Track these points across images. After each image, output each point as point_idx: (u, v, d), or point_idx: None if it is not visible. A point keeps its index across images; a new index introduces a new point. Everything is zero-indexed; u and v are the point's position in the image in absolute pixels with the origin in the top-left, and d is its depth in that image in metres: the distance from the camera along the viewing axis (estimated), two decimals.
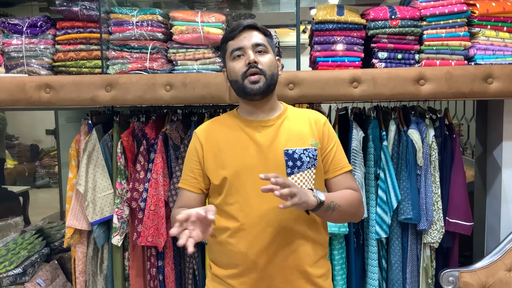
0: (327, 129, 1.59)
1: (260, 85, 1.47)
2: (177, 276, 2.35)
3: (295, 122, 1.57)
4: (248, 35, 1.51)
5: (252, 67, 1.47)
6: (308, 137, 1.54)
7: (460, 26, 2.11)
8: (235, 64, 1.51)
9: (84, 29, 2.27)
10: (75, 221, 2.29)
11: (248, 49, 1.49)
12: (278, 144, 1.51)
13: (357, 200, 1.55)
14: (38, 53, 2.29)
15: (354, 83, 2.07)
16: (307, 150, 1.51)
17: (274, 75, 1.52)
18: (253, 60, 1.47)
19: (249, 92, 1.48)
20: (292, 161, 1.49)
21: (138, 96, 2.12)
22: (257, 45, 1.50)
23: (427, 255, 2.21)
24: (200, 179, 1.57)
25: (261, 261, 1.48)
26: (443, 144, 2.24)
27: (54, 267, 2.75)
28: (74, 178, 2.32)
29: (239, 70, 1.49)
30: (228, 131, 1.57)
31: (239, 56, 1.50)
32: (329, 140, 1.57)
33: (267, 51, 1.52)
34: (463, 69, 2.04)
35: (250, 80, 1.47)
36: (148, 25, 2.22)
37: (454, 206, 2.19)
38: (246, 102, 1.55)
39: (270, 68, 1.50)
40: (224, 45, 1.56)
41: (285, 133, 1.53)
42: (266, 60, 1.50)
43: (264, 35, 1.54)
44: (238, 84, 1.51)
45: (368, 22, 2.13)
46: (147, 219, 2.19)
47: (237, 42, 1.50)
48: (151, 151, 2.26)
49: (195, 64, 2.22)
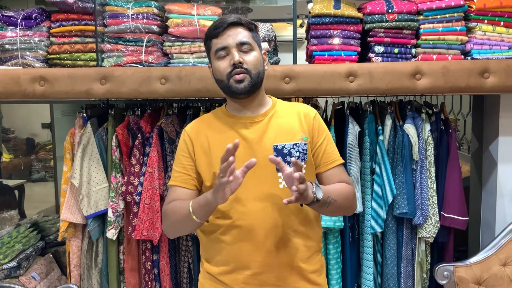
0: (317, 122, 1.58)
1: (245, 84, 1.46)
2: (172, 270, 2.35)
3: (284, 117, 1.55)
4: (232, 32, 1.47)
5: (237, 67, 1.45)
6: (298, 132, 1.53)
7: (457, 21, 2.11)
8: (220, 64, 1.48)
9: (79, 21, 2.25)
10: (69, 214, 2.28)
11: (233, 48, 1.46)
12: (267, 139, 1.50)
13: (351, 193, 1.54)
14: (33, 46, 2.27)
15: (351, 77, 2.06)
16: (297, 145, 1.48)
17: (260, 73, 1.50)
18: (238, 61, 1.44)
19: (235, 91, 1.47)
20: (282, 157, 1.46)
21: (133, 89, 2.11)
22: (242, 44, 1.47)
23: (422, 249, 2.21)
24: (194, 175, 1.54)
25: (253, 258, 1.47)
26: (439, 139, 2.24)
27: (49, 260, 2.74)
28: (69, 172, 2.31)
29: (224, 70, 1.47)
30: (217, 128, 1.55)
31: (223, 56, 1.48)
32: (319, 134, 1.56)
33: (252, 49, 1.49)
34: (460, 63, 2.04)
35: (235, 79, 1.45)
36: (143, 17, 2.20)
37: (449, 201, 2.19)
38: (233, 100, 1.54)
39: (255, 66, 1.48)
40: (208, 42, 1.52)
41: (274, 129, 1.52)
42: (251, 59, 1.47)
43: (249, 31, 1.50)
44: (223, 83, 1.49)
45: (365, 16, 2.12)
46: (142, 212, 2.18)
47: (221, 41, 1.47)
48: (146, 145, 2.25)
49: (191, 57, 2.21)
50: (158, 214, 2.19)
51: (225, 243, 1.50)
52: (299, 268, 1.51)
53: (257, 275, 1.48)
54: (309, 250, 1.53)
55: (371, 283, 2.19)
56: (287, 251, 1.49)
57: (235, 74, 1.45)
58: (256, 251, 1.47)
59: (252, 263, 1.47)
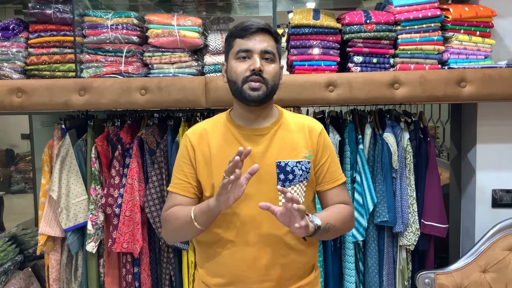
0: (322, 139, 1.54)
1: (259, 94, 1.41)
2: (154, 282, 2.32)
3: (290, 131, 1.52)
4: (259, 38, 1.43)
5: (256, 75, 1.41)
6: (302, 149, 1.49)
7: (434, 31, 2.14)
8: (238, 65, 1.43)
9: (57, 32, 2.23)
10: (48, 227, 2.24)
11: (256, 54, 1.42)
12: (271, 155, 1.47)
13: (349, 215, 1.53)
14: (10, 57, 2.24)
15: (330, 87, 2.07)
16: (300, 163, 1.46)
17: (275, 85, 1.47)
18: (259, 68, 1.40)
19: (247, 98, 1.42)
20: (284, 174, 1.45)
21: (113, 100, 2.09)
22: (266, 53, 1.43)
23: (403, 257, 2.22)
24: (194, 183, 1.50)
25: (248, 273, 1.46)
26: (418, 147, 2.26)
27: (28, 274, 2.69)
28: (47, 184, 2.28)
29: (241, 73, 1.42)
30: (220, 137, 1.51)
31: (244, 57, 1.43)
32: (324, 152, 1.52)
33: (274, 60, 1.45)
34: (437, 73, 2.07)
35: (251, 86, 1.41)
36: (123, 28, 2.19)
37: (429, 208, 2.21)
38: (241, 105, 1.49)
39: (273, 78, 1.44)
40: (231, 40, 1.47)
41: (279, 144, 1.48)
42: (271, 70, 1.44)
43: (275, 42, 1.47)
44: (236, 86, 1.44)
45: (344, 27, 2.14)
46: (122, 225, 2.16)
47: (246, 43, 1.42)
48: (126, 156, 2.23)
49: (171, 67, 2.20)
50: (139, 226, 2.17)
51: (222, 256, 1.48)
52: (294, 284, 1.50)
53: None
54: (305, 266, 1.52)
55: None
56: (283, 267, 1.47)
57: (252, 80, 1.41)
58: (253, 268, 1.45)
59: (247, 278, 1.46)
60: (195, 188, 1.51)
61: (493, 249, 2.16)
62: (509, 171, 2.32)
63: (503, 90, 2.05)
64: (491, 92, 2.05)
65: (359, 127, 2.28)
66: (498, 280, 2.13)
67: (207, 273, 1.53)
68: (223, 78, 1.53)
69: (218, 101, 2.09)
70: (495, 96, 2.07)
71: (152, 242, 2.32)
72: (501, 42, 2.29)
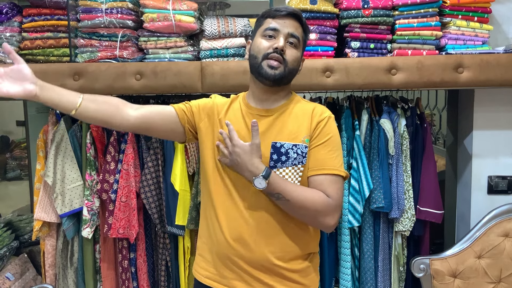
0: (323, 124, 1.50)
1: (276, 72, 1.45)
2: (150, 268, 2.33)
3: (295, 116, 1.53)
4: (289, 22, 1.48)
5: (277, 53, 1.45)
6: (302, 133, 1.49)
7: (431, 16, 2.12)
8: (262, 41, 1.48)
9: (51, 16, 2.20)
10: (43, 213, 2.24)
11: (282, 34, 1.47)
12: (270, 134, 1.49)
13: (319, 204, 1.43)
14: (4, 41, 2.21)
15: (327, 73, 2.06)
16: (296, 146, 1.47)
17: (293, 70, 1.51)
18: (282, 47, 1.45)
19: (263, 74, 1.46)
20: (277, 155, 1.46)
21: (107, 85, 2.07)
22: (292, 36, 1.48)
23: (399, 243, 2.23)
24: (188, 115, 1.58)
25: (236, 245, 1.48)
26: (415, 133, 2.26)
27: (23, 260, 2.69)
28: (42, 170, 2.26)
29: (263, 49, 1.47)
30: (232, 114, 1.56)
31: (270, 36, 1.48)
32: (320, 137, 1.49)
33: (298, 46, 1.51)
34: (434, 58, 2.05)
35: (269, 64, 1.45)
36: (118, 12, 2.16)
37: (425, 194, 2.21)
38: (256, 83, 1.53)
39: (293, 62, 1.49)
40: (262, 19, 1.52)
41: (279, 125, 1.51)
42: (293, 54, 1.49)
43: (303, 31, 1.53)
44: (256, 60, 1.48)
45: (341, 11, 2.12)
46: (118, 210, 2.15)
47: (276, 23, 1.48)
48: (121, 142, 2.22)
49: (166, 52, 2.18)
50: (135, 212, 2.16)
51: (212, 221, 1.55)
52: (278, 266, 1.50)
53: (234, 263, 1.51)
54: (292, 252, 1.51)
55: (349, 277, 2.21)
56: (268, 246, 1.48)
57: (272, 58, 1.45)
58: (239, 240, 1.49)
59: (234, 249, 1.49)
60: (184, 117, 1.58)
61: (488, 235, 2.17)
62: (505, 157, 2.33)
63: (500, 76, 2.04)
64: (489, 78, 2.04)
65: (355, 113, 2.27)
66: (493, 265, 2.15)
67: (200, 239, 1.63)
68: (246, 54, 1.61)
69: (214, 86, 2.08)
70: (492, 82, 2.06)
71: (148, 228, 2.32)
72: (499, 28, 2.27)
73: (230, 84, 2.07)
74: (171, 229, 2.19)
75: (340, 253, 2.23)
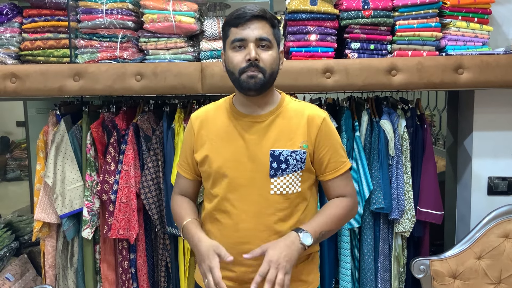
0: (324, 128, 1.50)
1: (256, 81, 1.39)
2: (150, 268, 2.32)
3: (289, 119, 1.49)
4: (254, 26, 1.39)
5: (252, 65, 1.38)
6: (299, 138, 1.47)
7: (431, 17, 2.12)
8: (234, 56, 1.41)
9: (51, 17, 2.20)
10: (43, 214, 2.24)
11: (251, 42, 1.39)
12: (266, 142, 1.46)
13: (346, 211, 1.53)
14: (4, 42, 2.21)
15: (327, 74, 2.06)
16: (295, 153, 1.45)
17: (274, 73, 1.44)
18: (254, 57, 1.37)
19: (245, 87, 1.41)
20: (277, 163, 1.45)
21: (108, 86, 2.08)
22: (261, 40, 1.39)
23: (399, 244, 2.23)
24: (193, 167, 1.59)
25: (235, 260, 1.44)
26: (415, 134, 2.26)
27: (23, 261, 2.69)
28: (42, 170, 2.27)
29: (237, 64, 1.40)
30: (220, 122, 1.52)
31: (240, 47, 1.40)
32: (324, 142, 1.49)
33: (271, 47, 1.42)
34: (434, 59, 2.05)
35: (248, 74, 1.39)
36: (118, 13, 2.16)
37: (425, 195, 2.22)
38: (241, 93, 1.48)
39: (271, 66, 1.42)
40: (227, 29, 1.44)
41: (275, 132, 1.47)
42: (268, 58, 1.41)
43: (271, 27, 1.43)
44: (234, 76, 1.43)
45: (341, 12, 2.12)
46: (118, 211, 2.15)
47: (240, 32, 1.39)
48: (121, 143, 2.22)
49: (167, 53, 2.18)
50: (135, 213, 2.16)
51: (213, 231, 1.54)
52: None
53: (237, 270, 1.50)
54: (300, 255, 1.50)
55: (349, 278, 2.21)
56: None
57: (249, 71, 1.39)
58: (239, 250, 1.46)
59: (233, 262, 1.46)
60: (194, 171, 1.60)
61: (488, 236, 2.17)
62: (505, 158, 2.33)
63: (500, 77, 2.04)
64: (488, 79, 2.04)
65: (355, 114, 2.27)
66: (493, 266, 2.15)
67: None
68: (222, 67, 1.52)
69: (214, 87, 2.08)
70: (492, 83, 2.06)
71: (148, 229, 2.32)
72: (498, 29, 2.27)
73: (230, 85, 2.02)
74: (171, 230, 2.19)
75: (340, 254, 2.23)
